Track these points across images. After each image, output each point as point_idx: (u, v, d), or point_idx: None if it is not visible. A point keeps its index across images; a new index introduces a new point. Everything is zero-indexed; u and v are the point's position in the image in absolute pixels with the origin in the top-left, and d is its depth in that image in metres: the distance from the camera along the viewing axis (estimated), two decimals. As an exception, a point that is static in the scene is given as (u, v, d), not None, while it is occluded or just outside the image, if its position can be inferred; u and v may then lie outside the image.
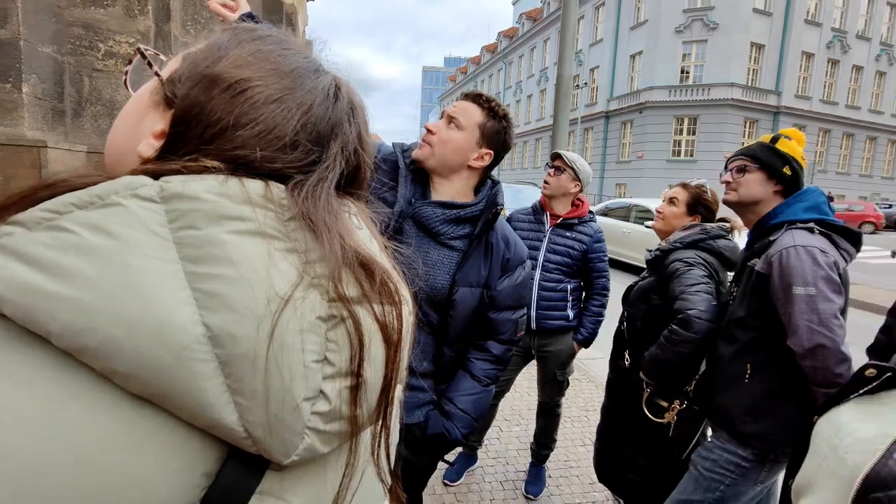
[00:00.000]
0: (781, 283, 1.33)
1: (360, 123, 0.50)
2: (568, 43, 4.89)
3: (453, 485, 2.37)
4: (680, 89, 24.76)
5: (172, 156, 0.41)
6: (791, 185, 1.47)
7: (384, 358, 0.41)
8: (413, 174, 1.26)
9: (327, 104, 0.46)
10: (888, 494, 0.52)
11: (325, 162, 0.45)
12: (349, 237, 0.41)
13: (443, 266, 1.23)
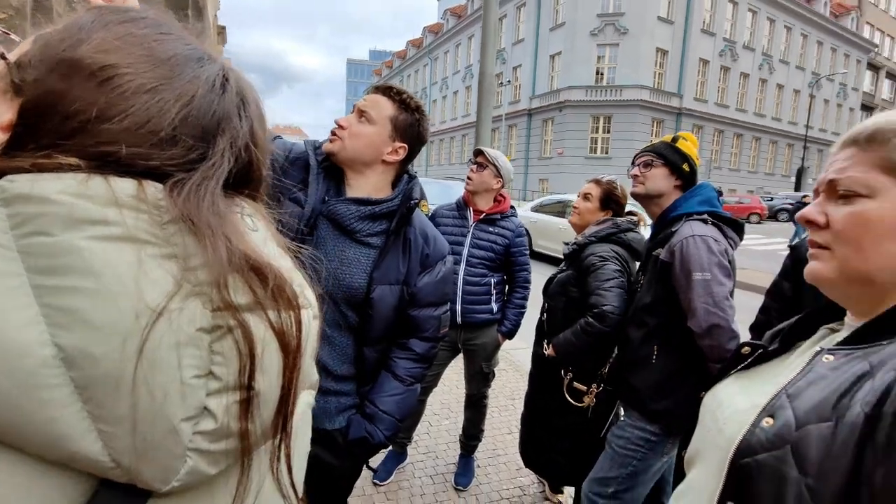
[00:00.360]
0: (682, 270, 1.45)
1: (253, 118, 0.46)
2: (489, 41, 4.99)
3: (383, 484, 2.35)
4: (595, 89, 26.25)
5: (21, 152, 0.36)
6: (688, 180, 1.63)
7: (281, 367, 0.39)
8: (326, 171, 1.22)
9: (212, 96, 0.42)
10: (755, 459, 0.57)
11: (211, 159, 0.41)
12: (238, 240, 0.38)
13: (359, 264, 1.20)
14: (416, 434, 2.67)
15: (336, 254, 1.18)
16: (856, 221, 0.60)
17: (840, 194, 0.62)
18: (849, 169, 0.62)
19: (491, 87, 5.13)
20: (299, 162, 1.21)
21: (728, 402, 0.70)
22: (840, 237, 0.62)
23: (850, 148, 0.63)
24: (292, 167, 1.21)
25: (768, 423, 0.58)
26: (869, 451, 0.48)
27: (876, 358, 0.55)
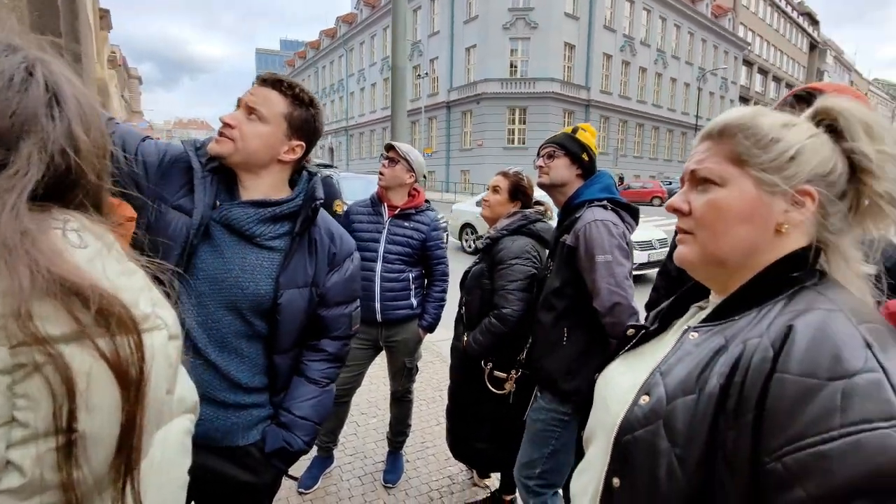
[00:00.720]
0: (586, 253, 1.54)
1: (71, 116, 0.40)
2: (399, 34, 4.93)
3: (308, 491, 2.28)
4: (510, 82, 27.04)
5: None
6: (588, 168, 1.72)
7: (117, 400, 0.33)
8: (213, 173, 1.13)
9: (9, 94, 0.37)
10: (633, 435, 0.61)
11: (12, 167, 0.36)
12: (51, 260, 0.33)
13: (263, 270, 1.13)
14: (343, 436, 2.61)
15: (236, 261, 1.11)
16: (711, 208, 0.65)
17: (699, 182, 0.68)
18: (706, 160, 0.67)
19: (404, 80, 5.09)
20: (179, 165, 1.11)
21: (614, 383, 0.75)
22: (700, 223, 0.66)
23: (707, 141, 0.69)
24: (170, 171, 1.10)
25: (645, 400, 0.63)
26: (722, 418, 0.54)
27: (730, 332, 0.60)
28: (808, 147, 0.61)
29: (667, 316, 0.81)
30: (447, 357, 3.88)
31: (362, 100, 40.94)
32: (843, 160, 0.61)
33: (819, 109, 0.64)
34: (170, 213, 1.07)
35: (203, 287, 1.08)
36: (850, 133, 0.60)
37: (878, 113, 0.63)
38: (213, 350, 1.11)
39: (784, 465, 0.47)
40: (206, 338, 1.10)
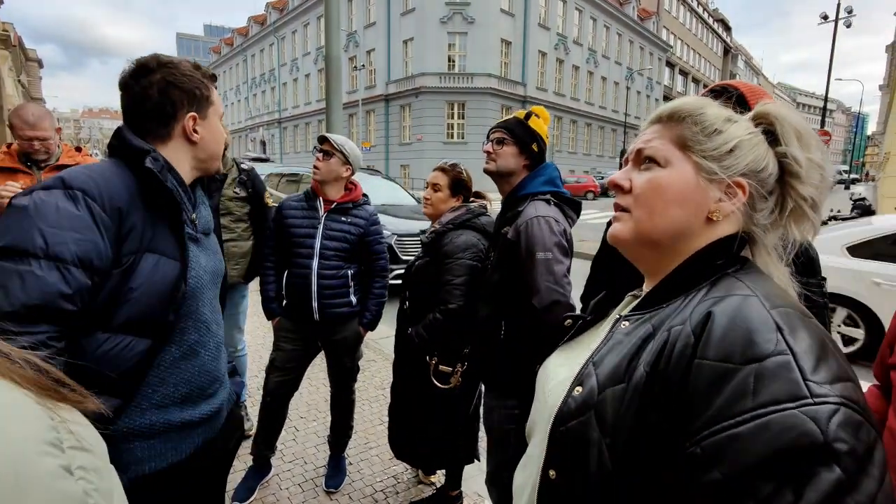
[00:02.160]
0: (526, 250, 1.51)
1: None
2: (332, 22, 4.75)
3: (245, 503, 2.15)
4: (449, 76, 27.12)
5: None
6: (536, 159, 1.68)
7: None
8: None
9: None
10: (567, 427, 0.61)
11: None
12: None
13: (217, 246, 1.27)
14: (281, 442, 2.49)
15: (216, 250, 1.25)
16: (651, 186, 0.66)
17: (642, 161, 0.69)
18: (653, 140, 0.68)
19: (338, 72, 4.91)
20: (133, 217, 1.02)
21: (553, 374, 0.74)
22: (638, 200, 0.67)
23: (656, 124, 0.70)
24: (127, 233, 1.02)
25: (578, 391, 0.63)
26: (648, 405, 0.54)
27: (657, 320, 0.61)
28: (746, 143, 0.64)
29: (602, 305, 0.81)
30: (389, 354, 3.82)
31: (296, 91, 39.46)
32: (775, 162, 0.64)
33: (759, 113, 0.67)
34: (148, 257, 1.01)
35: (207, 278, 1.15)
36: (785, 138, 0.64)
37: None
38: (219, 330, 1.22)
39: (702, 448, 0.48)
40: (215, 324, 1.19)
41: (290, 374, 2.24)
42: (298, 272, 2.14)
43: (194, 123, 1.09)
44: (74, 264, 0.88)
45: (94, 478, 0.35)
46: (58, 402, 0.37)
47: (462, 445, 2.10)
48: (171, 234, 1.03)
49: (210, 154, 1.15)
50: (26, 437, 0.32)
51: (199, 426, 1.14)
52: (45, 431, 0.34)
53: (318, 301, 2.13)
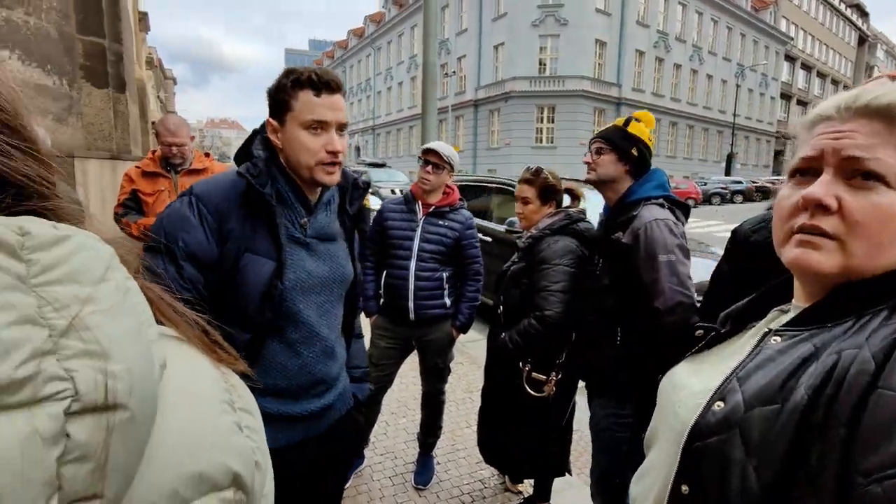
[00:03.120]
0: (647, 253, 1.49)
1: None
2: (430, 31, 4.90)
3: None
4: (539, 80, 26.74)
5: None
6: (639, 164, 1.64)
7: None
8: (277, 200, 1.14)
9: None
10: (705, 443, 0.57)
11: None
12: None
13: (346, 254, 1.28)
14: (374, 435, 2.59)
15: (330, 259, 1.24)
16: (881, 216, 0.52)
17: (856, 173, 0.54)
18: (877, 149, 0.52)
19: (434, 78, 5.05)
20: (224, 207, 1.11)
21: (682, 385, 0.70)
22: (857, 230, 0.53)
23: (874, 121, 0.54)
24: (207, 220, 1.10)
25: (719, 406, 0.59)
26: (807, 432, 0.49)
27: (820, 340, 0.55)
28: None
29: (740, 318, 0.74)
30: (476, 358, 3.83)
31: (389, 99, 41.24)
32: None
33: None
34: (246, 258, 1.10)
35: (313, 282, 1.19)
36: None
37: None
38: (331, 334, 1.24)
39: (884, 489, 0.43)
40: (325, 328, 1.22)
41: (384, 371, 2.32)
42: (396, 272, 2.21)
43: (272, 130, 1.14)
44: (185, 259, 1.03)
45: (256, 437, 0.38)
46: (217, 362, 0.40)
47: (554, 456, 2.04)
48: (268, 235, 1.10)
49: (293, 163, 1.13)
50: (211, 396, 0.36)
51: (299, 422, 1.19)
52: (222, 392, 0.37)
53: (413, 301, 2.19)
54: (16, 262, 0.24)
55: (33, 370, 0.22)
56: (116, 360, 0.25)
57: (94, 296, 0.26)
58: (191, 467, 0.31)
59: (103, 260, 0.28)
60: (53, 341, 0.24)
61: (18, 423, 0.21)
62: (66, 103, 3.24)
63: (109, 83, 3.73)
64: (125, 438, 0.26)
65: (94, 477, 0.24)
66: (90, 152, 3.50)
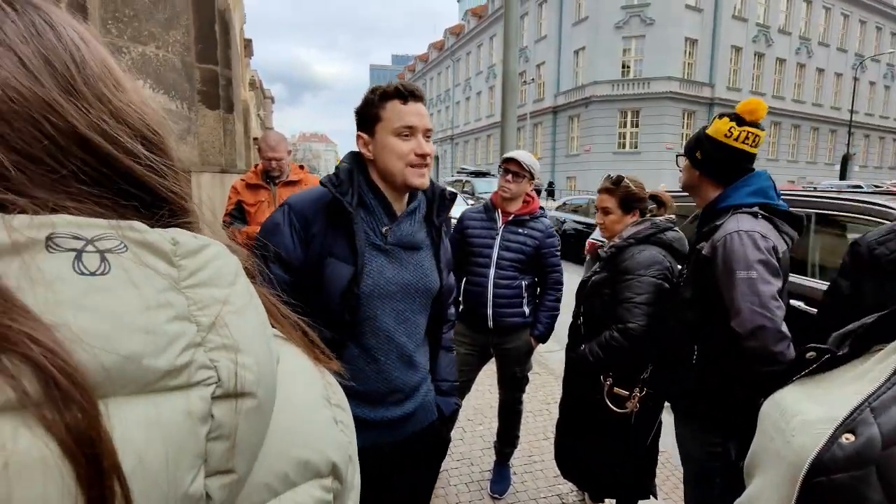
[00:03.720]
0: (725, 267, 1.37)
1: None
2: (511, 40, 4.92)
3: None
4: (622, 83, 25.71)
5: None
6: (709, 167, 1.51)
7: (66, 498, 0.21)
8: (361, 208, 1.20)
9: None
10: (831, 478, 0.52)
11: None
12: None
13: (431, 264, 1.28)
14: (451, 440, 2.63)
15: (414, 267, 1.26)
16: None
17: None
18: None
19: (514, 86, 5.06)
20: (315, 214, 1.20)
21: (794, 412, 0.64)
22: None
23: None
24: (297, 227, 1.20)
25: (848, 439, 0.53)
26: None
27: None
28: None
29: (863, 339, 0.67)
30: (554, 369, 3.75)
31: (467, 108, 41.76)
32: None
33: None
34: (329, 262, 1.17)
35: (392, 289, 1.21)
36: None
37: None
38: (410, 343, 1.25)
39: None
40: (404, 335, 1.23)
41: (463, 377, 2.35)
42: (475, 280, 2.24)
43: (363, 143, 1.21)
44: (273, 261, 1.12)
45: (348, 432, 0.41)
46: (315, 360, 0.43)
47: (638, 475, 1.95)
48: (347, 241, 1.16)
49: (385, 170, 1.18)
50: (313, 391, 0.40)
51: (373, 428, 1.21)
52: (321, 388, 0.41)
53: (492, 309, 2.20)
54: (171, 267, 0.28)
55: (189, 359, 0.26)
56: (247, 353, 0.29)
57: (229, 297, 0.30)
58: (298, 454, 0.34)
59: (234, 266, 0.32)
60: (201, 335, 0.27)
61: (178, 403, 0.25)
62: (185, 125, 3.67)
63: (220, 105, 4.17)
64: (252, 423, 0.29)
65: (229, 455, 0.28)
66: (204, 167, 3.92)
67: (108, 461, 0.21)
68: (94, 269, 0.25)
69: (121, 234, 0.27)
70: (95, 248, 0.25)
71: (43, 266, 0.23)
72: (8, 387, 0.20)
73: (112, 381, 0.23)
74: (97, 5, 3.09)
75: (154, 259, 0.27)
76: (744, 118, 1.46)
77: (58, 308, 0.23)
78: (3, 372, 0.20)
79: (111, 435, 0.22)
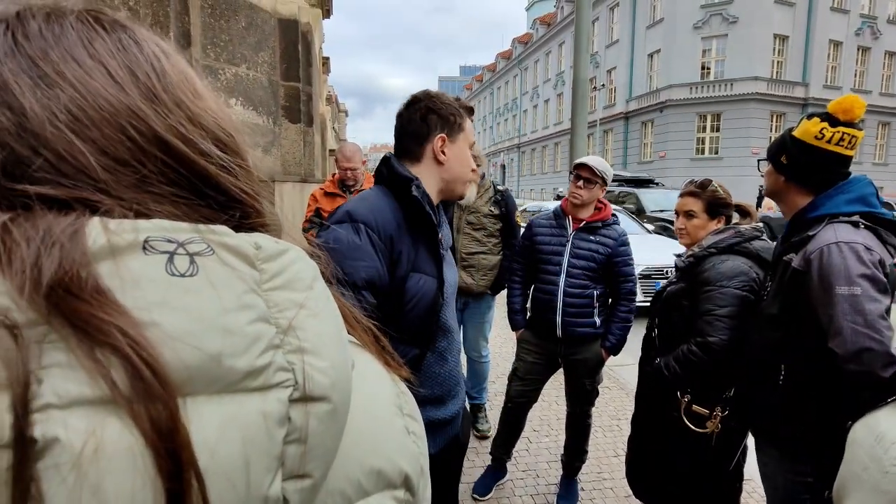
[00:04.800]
0: (821, 283, 1.25)
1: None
2: (582, 45, 4.83)
3: (483, 499, 2.31)
4: (701, 86, 24.27)
5: None
6: (796, 172, 1.39)
7: (147, 493, 0.21)
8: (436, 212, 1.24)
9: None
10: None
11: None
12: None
13: (453, 260, 1.37)
14: (516, 451, 2.60)
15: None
16: None
17: None
18: None
19: (585, 93, 4.95)
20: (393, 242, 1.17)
21: (893, 438, 0.58)
22: None
23: None
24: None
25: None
26: None
27: None
28: None
29: None
30: (625, 384, 3.59)
31: (535, 117, 41.32)
32: None
33: None
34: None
35: (451, 290, 1.27)
36: None
37: None
38: (459, 338, 1.36)
39: None
40: (457, 332, 1.30)
41: (529, 385, 2.32)
42: (545, 287, 2.21)
43: (443, 144, 1.19)
44: (364, 288, 1.06)
45: (420, 444, 0.39)
46: (386, 366, 0.43)
47: (719, 502, 1.81)
48: (429, 254, 1.16)
49: (454, 176, 1.22)
50: (386, 399, 0.39)
51: (448, 424, 1.27)
52: (394, 397, 0.40)
53: (561, 318, 2.16)
54: (253, 270, 0.28)
55: (268, 360, 0.26)
56: (323, 357, 0.29)
57: (306, 301, 0.30)
58: (372, 462, 0.34)
59: (312, 270, 0.32)
60: (280, 338, 0.28)
61: (257, 404, 0.26)
62: (270, 138, 3.96)
63: (301, 119, 4.45)
64: (327, 427, 0.29)
65: (307, 458, 0.28)
66: (286, 177, 4.20)
67: (185, 456, 0.22)
68: (184, 271, 0.25)
69: (206, 237, 0.28)
70: (186, 251, 0.26)
71: (138, 267, 0.24)
72: (100, 377, 0.21)
73: (194, 380, 0.24)
74: (199, 32, 3.42)
75: (238, 262, 0.28)
76: (837, 118, 1.32)
77: (148, 307, 0.24)
78: (96, 364, 0.21)
79: (189, 431, 0.23)
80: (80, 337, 0.21)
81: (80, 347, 0.21)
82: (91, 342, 0.21)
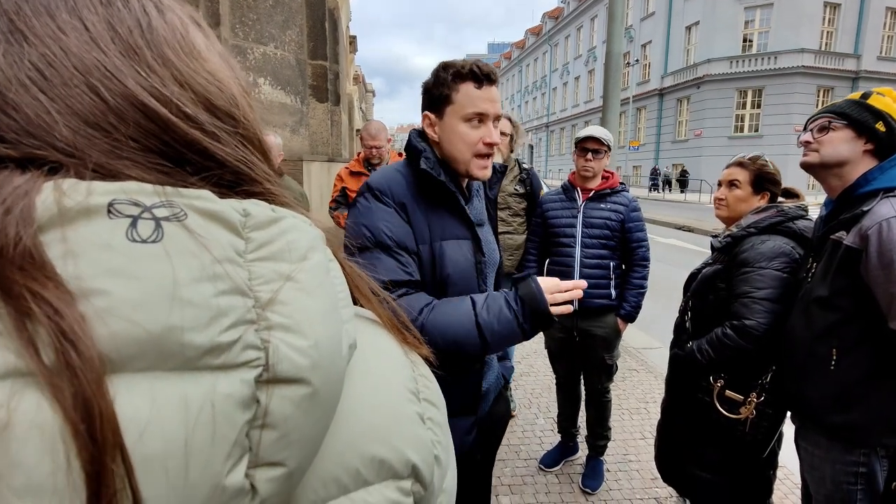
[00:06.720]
0: (881, 260, 1.18)
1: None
2: (617, 17, 4.63)
3: (549, 470, 2.39)
4: (742, 59, 23.14)
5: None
6: (886, 144, 1.29)
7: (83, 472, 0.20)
8: (457, 190, 1.19)
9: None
10: None
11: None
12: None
13: (493, 238, 1.31)
14: (541, 430, 2.61)
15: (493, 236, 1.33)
16: None
17: None
18: None
19: (618, 68, 4.76)
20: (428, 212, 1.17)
21: None
22: None
23: None
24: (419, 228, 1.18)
25: None
26: None
27: None
28: None
29: None
30: (654, 367, 3.53)
31: (564, 94, 40.32)
32: None
33: None
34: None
35: (491, 261, 1.26)
36: None
37: None
38: None
39: None
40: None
41: (569, 358, 2.33)
42: (560, 260, 2.20)
43: (429, 123, 1.14)
44: (397, 247, 1.06)
45: (438, 431, 0.36)
46: (402, 342, 0.40)
47: (751, 490, 1.77)
48: (457, 218, 1.14)
49: (449, 156, 1.13)
50: (397, 384, 0.36)
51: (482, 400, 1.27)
52: (409, 381, 0.37)
53: (578, 289, 2.14)
54: (236, 237, 0.26)
55: (235, 336, 0.24)
56: (306, 335, 0.27)
57: (295, 273, 0.27)
58: (372, 450, 0.32)
59: (309, 240, 0.30)
60: (256, 312, 0.25)
61: (217, 384, 0.23)
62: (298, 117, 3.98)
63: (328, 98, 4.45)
64: (307, 413, 0.27)
65: (279, 445, 0.25)
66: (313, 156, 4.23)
67: (106, 435, 0.20)
68: (147, 237, 0.23)
69: (185, 202, 0.25)
70: (152, 216, 0.24)
71: (93, 233, 0.22)
72: (25, 350, 0.20)
73: (137, 355, 0.22)
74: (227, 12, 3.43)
75: (216, 228, 0.26)
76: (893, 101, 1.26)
77: (96, 275, 0.22)
78: (21, 336, 0.20)
79: (116, 411, 0.21)
80: (13, 306, 0.20)
81: (10, 317, 0.20)
82: (21, 313, 0.20)
